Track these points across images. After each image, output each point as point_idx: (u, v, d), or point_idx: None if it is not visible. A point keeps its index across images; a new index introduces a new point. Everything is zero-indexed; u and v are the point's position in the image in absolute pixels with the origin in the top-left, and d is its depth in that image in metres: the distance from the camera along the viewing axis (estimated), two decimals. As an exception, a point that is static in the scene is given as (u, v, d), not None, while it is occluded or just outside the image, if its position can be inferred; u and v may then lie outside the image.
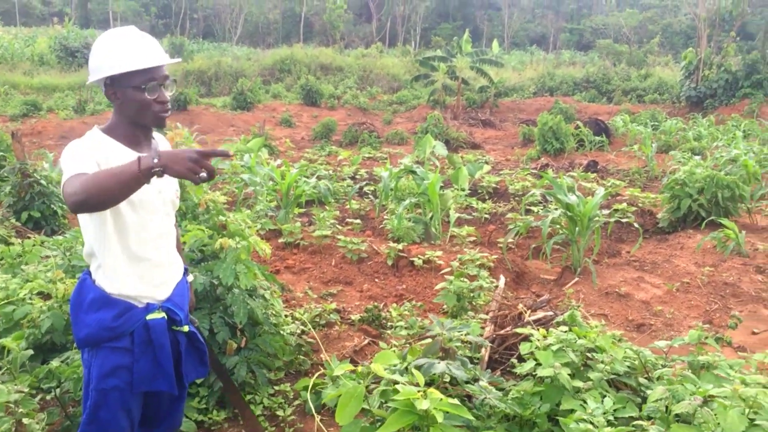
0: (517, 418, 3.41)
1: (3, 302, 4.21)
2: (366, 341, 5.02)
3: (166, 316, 2.57)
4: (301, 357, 4.71)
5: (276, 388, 4.31)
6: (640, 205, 9.13)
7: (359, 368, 3.01)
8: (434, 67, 23.81)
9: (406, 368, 3.30)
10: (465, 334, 3.50)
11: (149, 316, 2.52)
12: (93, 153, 2.32)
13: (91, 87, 24.05)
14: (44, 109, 20.75)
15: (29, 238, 6.09)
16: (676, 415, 2.77)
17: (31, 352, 3.82)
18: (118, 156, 2.38)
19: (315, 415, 3.51)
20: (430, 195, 7.18)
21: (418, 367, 3.10)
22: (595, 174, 11.65)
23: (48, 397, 3.66)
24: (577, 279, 6.48)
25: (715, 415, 2.62)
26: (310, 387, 3.25)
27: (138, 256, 2.49)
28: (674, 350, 4.01)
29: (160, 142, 2.71)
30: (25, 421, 3.19)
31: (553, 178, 7.06)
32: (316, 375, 3.40)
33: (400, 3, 58.71)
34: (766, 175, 10.19)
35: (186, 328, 2.67)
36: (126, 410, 2.55)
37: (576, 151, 15.13)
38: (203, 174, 2.00)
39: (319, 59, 33.19)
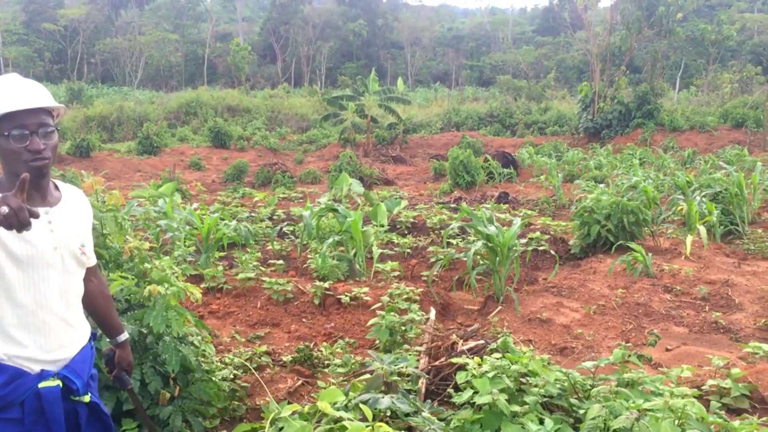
0: (460, 447, 3.48)
1: None
2: (300, 382, 4.97)
3: (60, 384, 2.37)
4: (236, 402, 4.62)
5: (213, 436, 4.21)
6: (552, 233, 9.49)
7: (305, 408, 3.01)
8: (343, 105, 24.12)
9: (348, 404, 3.32)
10: (404, 367, 3.54)
11: (41, 384, 2.31)
12: None
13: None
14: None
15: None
16: (614, 431, 2.90)
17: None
18: None
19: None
20: (353, 232, 7.25)
21: (364, 402, 3.13)
22: (507, 205, 12.03)
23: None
24: (500, 307, 6.66)
25: (649, 427, 2.76)
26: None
27: (29, 317, 2.28)
28: (600, 370, 4.18)
29: (68, 192, 2.51)
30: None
31: (471, 210, 7.26)
32: (262, 419, 3.36)
33: (304, 44, 59.25)
34: (663, 199, 10.83)
35: (87, 399, 2.48)
36: None
37: (486, 184, 15.59)
38: (3, 208, 1.85)
39: (225, 101, 32.98)
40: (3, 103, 2.21)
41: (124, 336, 2.86)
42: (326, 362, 5.12)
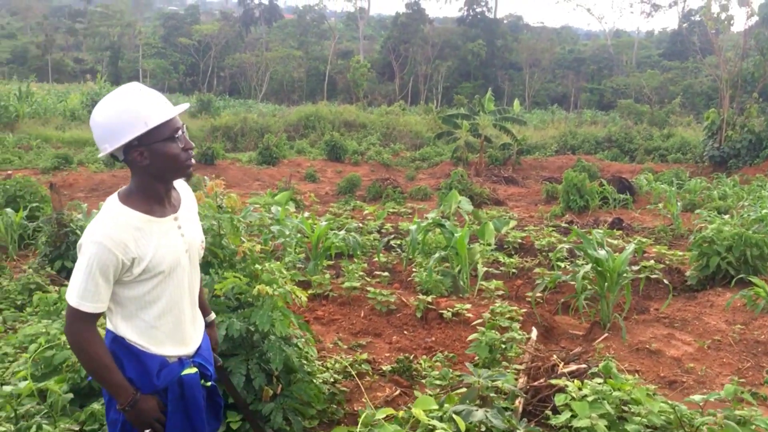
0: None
1: (43, 347, 4.30)
2: (397, 391, 5.03)
3: (197, 371, 2.56)
4: (334, 406, 4.73)
5: (310, 436, 4.32)
6: (668, 262, 9.11)
7: (400, 413, 3.06)
8: (457, 124, 24.14)
9: (443, 415, 3.33)
10: (501, 383, 3.52)
11: (184, 372, 2.50)
12: (120, 260, 2.30)
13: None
14: (75, 163, 21.23)
15: (64, 285, 6.22)
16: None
17: (71, 396, 3.90)
18: (148, 239, 2.38)
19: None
20: (459, 249, 7.25)
21: (458, 413, 3.14)
22: (620, 231, 11.65)
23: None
24: (606, 334, 6.46)
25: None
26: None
27: (161, 319, 2.47)
28: (710, 405, 3.98)
29: (184, 193, 2.66)
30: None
31: (582, 232, 7.11)
32: (358, 423, 3.42)
33: (423, 62, 59.84)
34: (793, 234, 10.13)
35: (209, 384, 2.66)
36: None
37: (600, 209, 15.16)
38: None
39: (343, 116, 33.78)
40: (156, 112, 2.31)
41: (213, 316, 3.05)
42: (424, 374, 5.14)
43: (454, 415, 2.97)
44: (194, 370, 2.53)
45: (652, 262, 8.57)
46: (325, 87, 58.33)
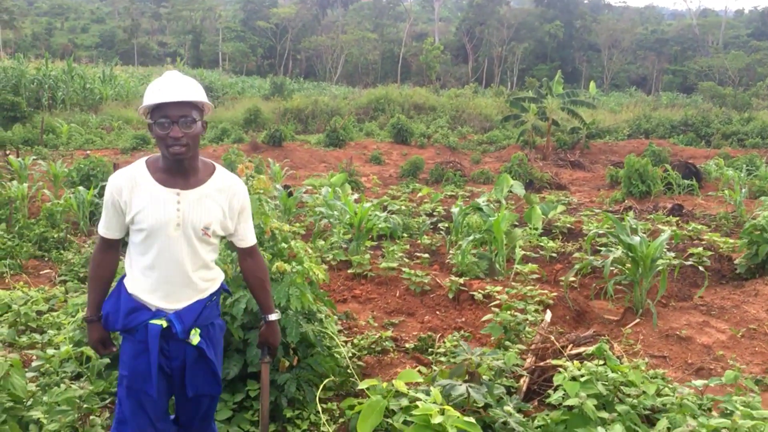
0: (542, 444, 3.54)
1: (82, 314, 4.67)
2: (417, 368, 5.21)
3: (164, 325, 2.83)
4: (352, 380, 4.96)
5: (324, 406, 4.56)
6: (720, 250, 8.92)
7: (384, 384, 3.25)
8: (524, 107, 23.90)
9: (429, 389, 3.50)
10: (494, 359, 3.66)
11: (152, 321, 2.82)
12: (116, 199, 2.80)
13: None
14: (152, 144, 22.17)
15: (121, 259, 6.65)
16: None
17: (107, 360, 4.26)
18: (141, 195, 2.78)
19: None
20: (495, 232, 7.34)
21: (442, 388, 3.31)
22: (677, 218, 11.41)
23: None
24: (638, 320, 6.45)
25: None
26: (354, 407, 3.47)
27: (152, 272, 2.83)
28: (710, 390, 4.01)
29: (219, 180, 2.91)
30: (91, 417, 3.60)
31: (615, 218, 7.07)
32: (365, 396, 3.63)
33: (498, 44, 59.11)
34: None
35: (194, 341, 2.87)
36: (137, 401, 2.83)
37: (664, 195, 14.82)
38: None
39: (413, 99, 33.87)
40: (154, 96, 2.70)
41: (272, 317, 3.24)
42: (445, 352, 5.31)
43: (432, 388, 3.14)
44: (162, 322, 2.82)
45: (700, 249, 8.41)
46: (398, 70, 58.47)
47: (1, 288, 6.89)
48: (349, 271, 7.64)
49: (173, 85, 2.72)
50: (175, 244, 2.82)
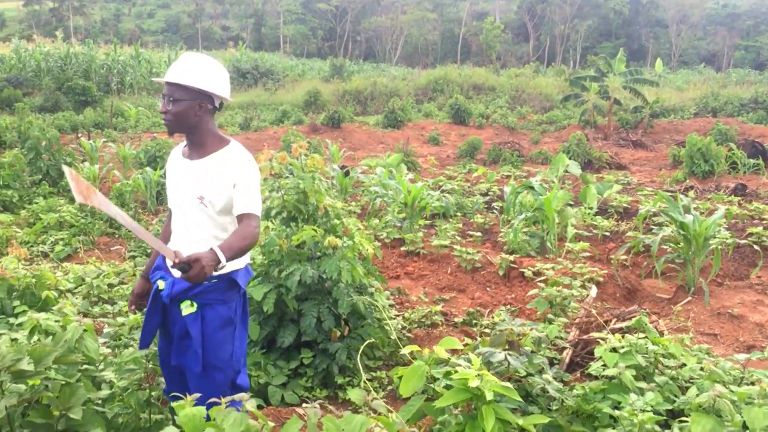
0: (581, 412, 3.66)
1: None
2: (464, 341, 5.38)
3: (161, 287, 3.05)
4: (401, 350, 5.16)
5: (373, 374, 4.79)
6: (782, 230, 8.73)
7: (425, 350, 3.43)
8: (585, 86, 23.53)
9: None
10: (531, 329, 3.80)
11: (159, 280, 3.11)
12: (166, 167, 3.32)
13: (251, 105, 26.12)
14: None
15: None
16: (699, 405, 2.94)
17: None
18: (171, 159, 3.25)
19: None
20: (546, 210, 7.41)
21: (480, 355, 3.46)
22: (740, 198, 11.18)
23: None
24: (690, 299, 6.46)
25: (741, 410, 2.78)
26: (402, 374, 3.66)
27: (173, 234, 3.22)
28: (752, 364, 4.05)
29: (223, 156, 3.03)
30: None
31: (668, 196, 7.04)
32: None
33: (560, 22, 58.00)
34: None
35: (183, 312, 2.98)
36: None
37: (728, 174, 14.48)
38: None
39: (472, 79, 33.67)
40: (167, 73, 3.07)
41: (219, 252, 2.72)
42: (491, 326, 5.46)
43: (471, 354, 3.30)
44: (161, 284, 3.06)
45: (760, 228, 8.28)
46: (458, 50, 58.05)
47: (75, 262, 7.36)
48: (402, 249, 7.83)
49: (172, 67, 3.02)
50: (181, 211, 3.13)
